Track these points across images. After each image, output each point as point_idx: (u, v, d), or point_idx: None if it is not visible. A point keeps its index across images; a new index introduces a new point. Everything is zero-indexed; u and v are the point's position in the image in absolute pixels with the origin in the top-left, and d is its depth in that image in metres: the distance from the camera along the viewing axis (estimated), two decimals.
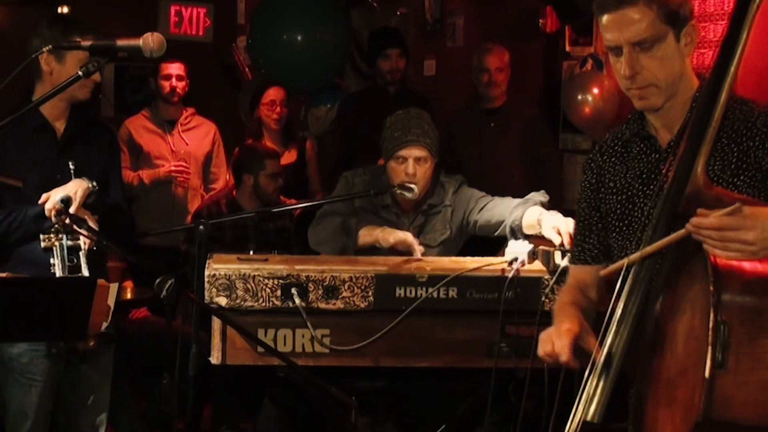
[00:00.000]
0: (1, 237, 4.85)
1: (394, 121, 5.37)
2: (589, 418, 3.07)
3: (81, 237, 4.63)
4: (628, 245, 3.33)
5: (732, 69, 3.08)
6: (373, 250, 5.07)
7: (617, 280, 3.15)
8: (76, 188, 4.63)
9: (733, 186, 3.21)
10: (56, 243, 4.63)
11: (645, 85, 3.28)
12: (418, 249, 4.93)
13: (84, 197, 4.63)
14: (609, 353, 3.05)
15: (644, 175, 3.43)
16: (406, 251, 4.94)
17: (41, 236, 4.65)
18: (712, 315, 2.77)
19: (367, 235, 5.05)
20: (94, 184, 4.66)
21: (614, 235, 3.54)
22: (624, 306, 3.05)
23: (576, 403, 3.16)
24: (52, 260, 4.63)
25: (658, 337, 3.06)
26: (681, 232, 2.90)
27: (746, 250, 2.81)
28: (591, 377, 3.10)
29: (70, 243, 4.65)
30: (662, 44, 3.24)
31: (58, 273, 4.60)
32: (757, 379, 2.71)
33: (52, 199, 4.62)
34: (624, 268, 3.10)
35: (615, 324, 3.06)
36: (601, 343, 3.10)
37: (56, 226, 4.63)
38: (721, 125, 3.10)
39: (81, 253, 4.65)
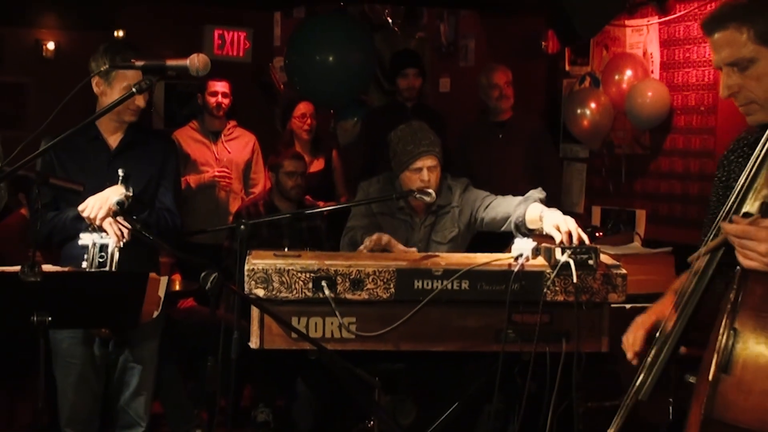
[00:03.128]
0: (50, 234, 4.93)
1: (402, 136, 5.39)
2: (640, 397, 3.05)
3: (111, 237, 4.66)
4: None
5: None
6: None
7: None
8: (112, 194, 4.64)
9: None
10: (91, 241, 4.65)
11: (746, 102, 3.16)
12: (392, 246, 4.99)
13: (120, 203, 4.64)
14: (665, 340, 3.01)
15: None
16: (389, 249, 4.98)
17: (80, 235, 4.67)
18: (725, 320, 2.73)
19: (367, 245, 5.07)
20: (130, 192, 4.66)
21: None
22: (688, 296, 3.00)
23: (635, 379, 3.12)
24: (85, 256, 4.66)
25: (709, 331, 2.98)
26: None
27: (760, 261, 2.74)
28: (650, 359, 3.06)
29: (102, 241, 4.67)
30: (758, 63, 3.09)
31: (88, 268, 4.62)
32: (759, 389, 2.63)
33: (86, 203, 4.66)
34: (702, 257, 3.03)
35: (679, 311, 3.02)
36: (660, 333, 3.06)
37: (91, 226, 4.66)
38: None
39: (109, 251, 4.66)
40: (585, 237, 4.58)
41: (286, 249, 4.93)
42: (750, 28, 3.06)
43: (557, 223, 4.64)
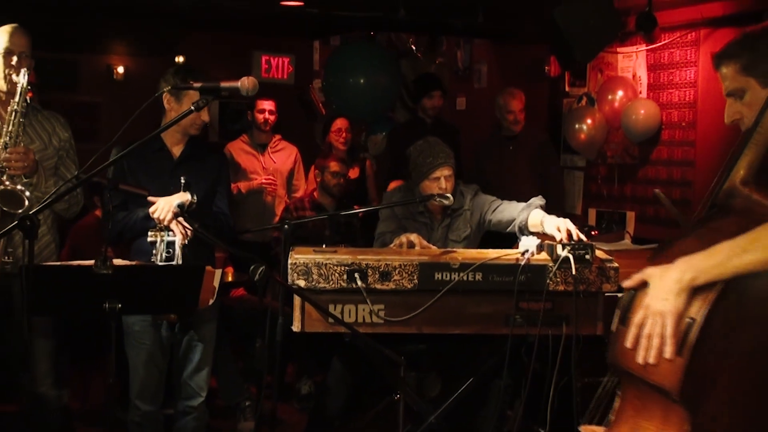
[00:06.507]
0: (121, 232, 4.95)
1: (422, 150, 5.39)
2: None
3: (177, 235, 4.69)
4: None
5: None
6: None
7: None
8: (177, 199, 4.67)
9: None
10: (159, 238, 4.68)
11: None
12: (418, 244, 4.96)
13: (181, 206, 4.67)
14: None
15: None
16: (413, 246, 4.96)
17: (149, 232, 4.70)
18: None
19: (396, 243, 5.06)
20: (194, 197, 4.68)
21: None
22: None
23: None
24: (153, 251, 4.68)
25: None
26: None
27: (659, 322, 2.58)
28: None
29: (169, 239, 4.69)
30: (749, 92, 2.98)
31: (156, 261, 4.65)
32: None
33: (156, 205, 4.69)
34: None
35: None
36: None
37: (159, 225, 4.69)
38: None
39: (176, 246, 4.69)
40: (582, 235, 4.60)
41: (324, 246, 4.93)
42: (737, 61, 2.99)
43: (558, 225, 4.69)
